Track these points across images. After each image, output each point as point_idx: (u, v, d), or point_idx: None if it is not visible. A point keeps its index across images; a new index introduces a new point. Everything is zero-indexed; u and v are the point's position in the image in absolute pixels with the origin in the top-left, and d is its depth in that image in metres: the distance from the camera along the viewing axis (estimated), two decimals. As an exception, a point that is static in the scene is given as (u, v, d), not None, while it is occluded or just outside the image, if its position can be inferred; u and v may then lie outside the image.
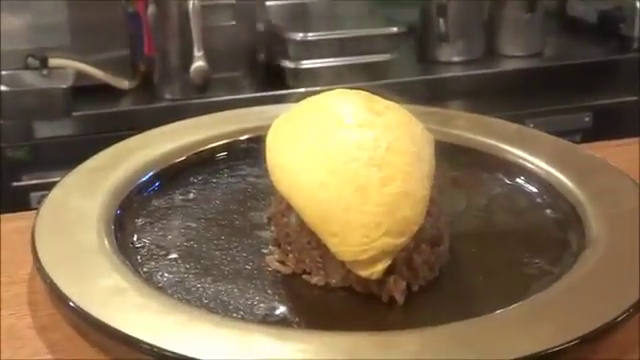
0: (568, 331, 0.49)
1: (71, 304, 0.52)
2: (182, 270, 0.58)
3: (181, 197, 0.69)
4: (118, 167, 0.68)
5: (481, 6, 2.01)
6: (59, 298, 0.53)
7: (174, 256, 0.60)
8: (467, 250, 0.61)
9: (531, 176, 0.70)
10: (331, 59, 1.67)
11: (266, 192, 0.66)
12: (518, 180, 0.71)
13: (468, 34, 1.97)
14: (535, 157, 0.71)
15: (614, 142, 0.84)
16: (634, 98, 1.98)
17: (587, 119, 1.96)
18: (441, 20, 1.92)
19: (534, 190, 0.69)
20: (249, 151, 0.74)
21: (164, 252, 0.61)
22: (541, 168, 0.70)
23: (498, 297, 0.54)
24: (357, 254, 0.53)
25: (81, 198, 0.63)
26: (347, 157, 0.54)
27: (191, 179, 0.71)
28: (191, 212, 0.66)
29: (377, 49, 1.80)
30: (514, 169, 0.71)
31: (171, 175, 0.71)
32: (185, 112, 1.42)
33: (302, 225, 0.56)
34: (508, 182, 0.71)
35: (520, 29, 2.02)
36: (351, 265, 0.54)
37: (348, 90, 0.62)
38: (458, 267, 0.59)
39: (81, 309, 0.51)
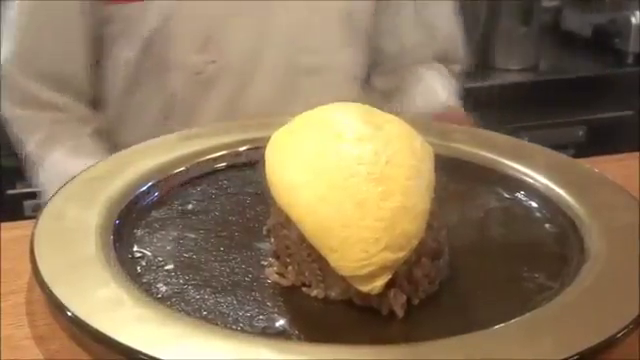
0: (568, 346, 0.49)
1: (69, 314, 0.51)
2: (181, 281, 0.58)
3: (180, 208, 0.68)
4: (117, 177, 0.68)
5: (476, 19, 2.01)
6: (58, 308, 0.53)
7: (173, 267, 0.60)
8: (467, 264, 0.61)
9: (530, 190, 0.70)
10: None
11: (265, 203, 0.66)
12: (517, 194, 0.71)
13: (464, 47, 1.97)
14: (534, 171, 0.71)
15: (611, 157, 0.84)
16: (628, 112, 1.99)
17: (581, 133, 1.97)
18: (437, 32, 1.92)
19: (533, 204, 0.69)
20: (249, 162, 0.74)
21: (163, 263, 0.60)
22: (540, 182, 0.70)
23: (498, 311, 0.54)
24: (356, 269, 0.53)
25: (80, 208, 0.63)
26: (346, 172, 0.54)
27: (190, 190, 0.71)
28: (190, 223, 0.66)
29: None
30: (513, 183, 0.71)
31: (170, 186, 0.70)
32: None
33: (302, 238, 0.56)
34: (507, 196, 0.71)
35: (515, 42, 2.03)
36: (351, 280, 0.54)
37: (347, 103, 0.62)
38: (458, 281, 0.59)
39: (80, 319, 0.51)
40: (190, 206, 0.69)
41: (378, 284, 0.53)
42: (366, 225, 0.53)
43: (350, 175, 0.54)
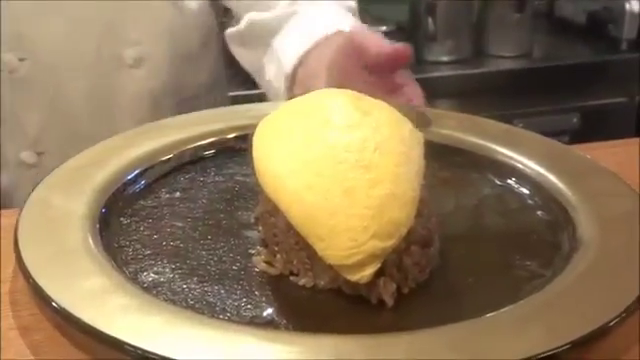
0: (559, 335, 0.48)
1: (54, 305, 0.50)
2: (168, 270, 0.57)
3: (168, 196, 0.68)
4: (103, 165, 0.67)
5: (470, 6, 2.01)
6: (42, 299, 0.52)
7: (159, 256, 0.59)
8: (458, 252, 0.60)
9: (522, 177, 0.69)
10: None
11: (254, 191, 0.65)
12: (509, 181, 0.70)
13: (457, 34, 1.97)
14: (526, 158, 0.70)
15: (605, 143, 0.83)
16: (622, 99, 1.99)
17: (575, 120, 1.97)
18: (430, 19, 1.92)
19: (525, 191, 0.68)
20: (237, 149, 0.73)
21: (150, 252, 0.59)
22: (532, 169, 0.69)
23: (489, 300, 0.53)
24: (344, 258, 0.52)
25: (66, 196, 0.62)
26: (334, 159, 0.53)
27: (178, 177, 0.70)
28: (178, 211, 0.65)
29: (366, 48, 1.79)
30: (505, 170, 0.71)
31: (157, 173, 0.70)
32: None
33: (290, 226, 0.55)
34: (499, 183, 0.70)
35: (509, 29, 2.02)
36: (339, 269, 0.53)
37: (335, 89, 0.61)
38: (449, 269, 0.58)
39: (64, 310, 0.50)
40: (177, 194, 0.68)
41: (367, 273, 0.52)
42: (354, 213, 0.52)
43: (338, 162, 0.53)
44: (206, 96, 1.12)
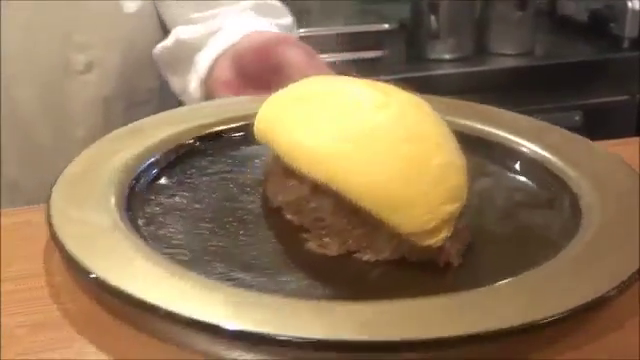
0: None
1: (137, 299, 0.48)
2: (222, 270, 0.54)
3: (167, 201, 0.64)
4: (97, 178, 0.63)
5: (472, 4, 2.01)
6: (127, 302, 0.49)
7: (207, 258, 0.56)
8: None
9: (526, 160, 0.70)
10: (322, 55, 1.66)
11: (247, 185, 0.65)
12: (511, 163, 0.71)
13: (459, 32, 1.98)
14: (537, 145, 0.71)
15: (607, 142, 0.84)
16: (624, 97, 1.99)
17: (577, 118, 1.97)
18: (432, 17, 1.92)
19: (528, 172, 0.69)
20: (205, 149, 0.72)
21: (192, 255, 0.56)
22: (534, 150, 0.70)
23: (535, 255, 0.54)
24: (422, 225, 0.54)
25: (83, 210, 0.58)
26: (382, 138, 0.55)
27: (168, 182, 0.67)
28: (192, 214, 0.62)
29: (368, 46, 1.80)
30: (516, 156, 0.71)
31: (146, 179, 0.66)
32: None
33: (338, 207, 0.56)
34: (502, 166, 0.71)
35: (511, 27, 2.03)
36: (415, 236, 0.54)
37: (332, 76, 0.64)
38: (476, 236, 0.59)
39: (145, 302, 0.48)
40: (177, 199, 0.64)
41: (441, 236, 0.54)
42: (422, 181, 0.54)
43: (389, 140, 0.55)
44: (158, 100, 1.11)
